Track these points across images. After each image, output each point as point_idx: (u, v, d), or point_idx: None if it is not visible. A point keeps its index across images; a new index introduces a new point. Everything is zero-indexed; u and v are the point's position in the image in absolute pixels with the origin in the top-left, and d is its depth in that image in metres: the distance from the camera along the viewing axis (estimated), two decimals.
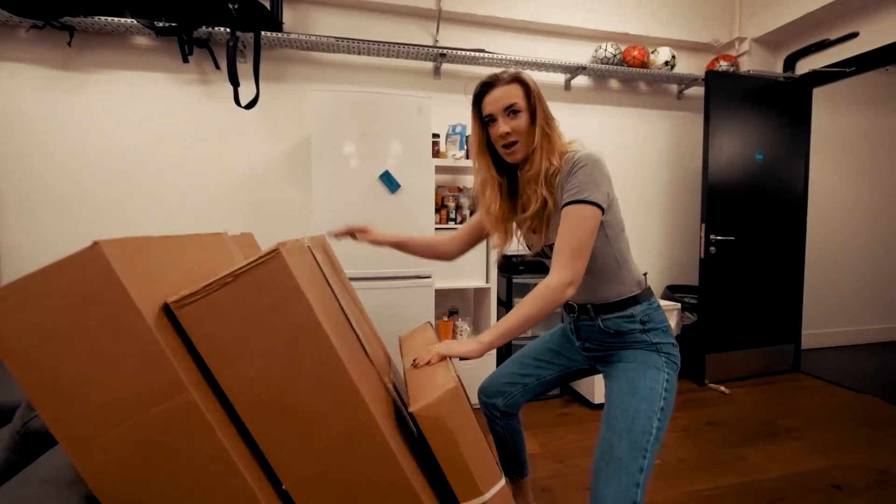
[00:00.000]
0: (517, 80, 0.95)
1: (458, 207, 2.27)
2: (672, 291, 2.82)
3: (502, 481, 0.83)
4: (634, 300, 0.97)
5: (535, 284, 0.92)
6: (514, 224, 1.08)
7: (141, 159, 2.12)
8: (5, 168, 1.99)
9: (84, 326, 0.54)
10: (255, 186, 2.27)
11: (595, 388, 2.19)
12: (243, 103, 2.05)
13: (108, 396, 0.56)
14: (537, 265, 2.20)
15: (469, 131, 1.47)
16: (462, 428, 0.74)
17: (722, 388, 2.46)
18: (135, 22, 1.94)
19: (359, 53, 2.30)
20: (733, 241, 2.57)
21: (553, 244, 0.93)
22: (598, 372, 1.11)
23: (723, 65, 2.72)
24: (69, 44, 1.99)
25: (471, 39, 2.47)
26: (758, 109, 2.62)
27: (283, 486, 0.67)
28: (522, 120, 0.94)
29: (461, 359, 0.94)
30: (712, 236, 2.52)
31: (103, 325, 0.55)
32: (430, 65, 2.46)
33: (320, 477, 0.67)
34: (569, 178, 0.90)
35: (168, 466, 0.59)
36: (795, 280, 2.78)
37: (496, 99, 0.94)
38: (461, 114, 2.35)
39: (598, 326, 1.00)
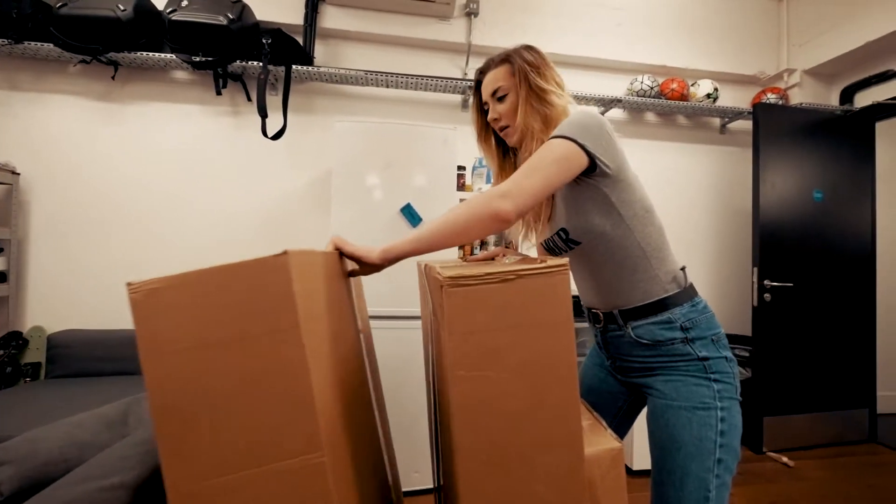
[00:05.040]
0: (504, 58, 0.88)
1: (483, 243, 2.15)
2: None
3: None
4: (672, 301, 0.79)
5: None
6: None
7: (172, 187, 2.14)
8: (42, 193, 2.05)
9: (238, 346, 0.48)
10: (278, 215, 2.24)
11: (635, 449, 1.92)
12: (270, 134, 2.06)
13: (237, 434, 0.48)
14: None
15: None
16: None
17: (784, 459, 2.12)
18: (174, 57, 2.01)
19: (387, 86, 2.29)
20: (792, 289, 2.30)
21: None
22: (643, 404, 0.90)
23: (771, 97, 2.55)
24: (113, 77, 2.08)
25: None
26: (813, 145, 2.40)
27: None
28: (510, 103, 0.87)
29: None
30: (766, 282, 2.26)
31: (260, 353, 0.48)
32: (458, 98, 2.42)
33: None
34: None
35: None
36: (867, 333, 2.44)
37: (486, 85, 0.90)
38: None
39: (630, 337, 0.82)
